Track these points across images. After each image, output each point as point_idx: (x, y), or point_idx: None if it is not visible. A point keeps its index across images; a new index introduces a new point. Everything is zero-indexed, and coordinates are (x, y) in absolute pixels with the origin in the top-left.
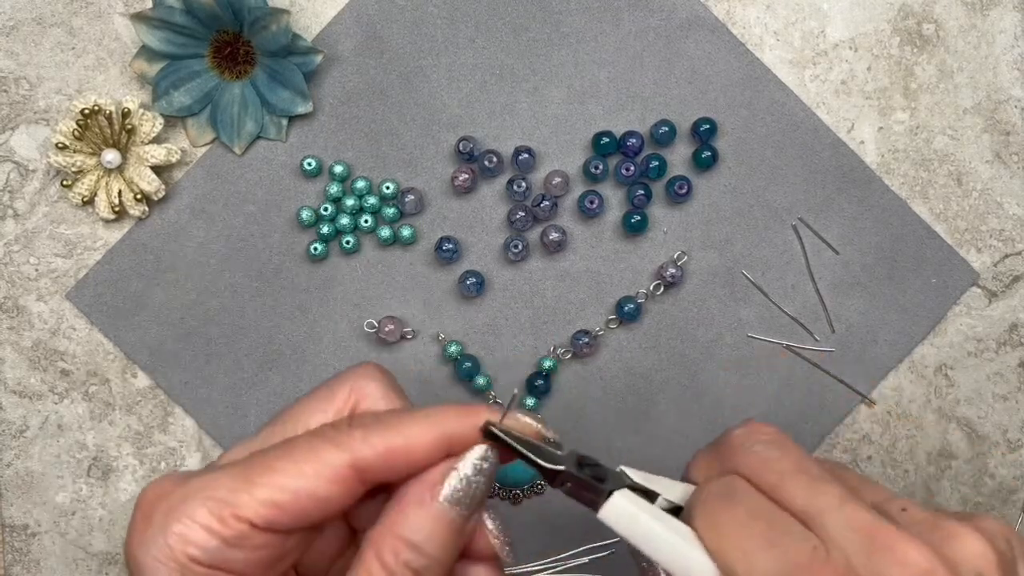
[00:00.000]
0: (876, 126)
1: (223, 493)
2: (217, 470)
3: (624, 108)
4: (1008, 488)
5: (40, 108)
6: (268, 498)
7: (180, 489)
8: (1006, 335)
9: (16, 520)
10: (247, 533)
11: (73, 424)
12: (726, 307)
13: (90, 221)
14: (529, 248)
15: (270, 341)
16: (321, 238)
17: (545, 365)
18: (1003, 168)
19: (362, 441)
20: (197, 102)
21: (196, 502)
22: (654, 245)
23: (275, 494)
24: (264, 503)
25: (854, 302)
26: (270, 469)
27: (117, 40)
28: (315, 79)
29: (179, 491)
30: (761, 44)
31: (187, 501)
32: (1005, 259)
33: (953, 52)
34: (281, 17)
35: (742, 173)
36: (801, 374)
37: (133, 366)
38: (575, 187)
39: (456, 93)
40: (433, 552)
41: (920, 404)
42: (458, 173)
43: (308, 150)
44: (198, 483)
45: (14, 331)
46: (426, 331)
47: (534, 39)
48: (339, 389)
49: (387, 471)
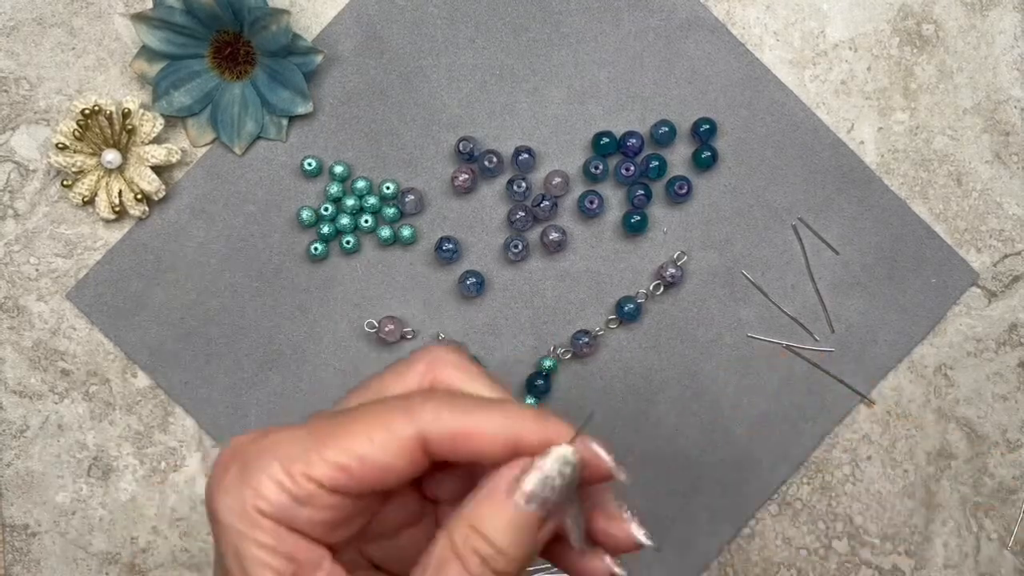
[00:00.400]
0: (876, 126)
1: (296, 451)
2: (294, 429)
3: (624, 108)
4: (1008, 488)
5: (40, 108)
6: (336, 461)
7: (257, 444)
8: (1006, 335)
9: (16, 520)
10: (315, 493)
11: (73, 424)
12: (726, 307)
13: (90, 221)
14: (529, 248)
15: (270, 341)
16: (321, 238)
17: (545, 365)
18: (1003, 168)
19: (433, 416)
20: (197, 102)
21: (270, 457)
22: (654, 245)
23: (343, 457)
24: (333, 465)
25: (854, 302)
26: (341, 433)
27: (117, 40)
28: (315, 79)
29: (256, 446)
30: (761, 44)
31: (262, 456)
32: (1005, 259)
33: (953, 52)
34: (281, 17)
35: (742, 173)
36: (801, 374)
37: (133, 366)
38: (575, 187)
39: (456, 93)
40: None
41: (920, 404)
42: (458, 173)
43: (308, 150)
44: (275, 439)
45: (14, 331)
46: (426, 331)
47: (534, 39)
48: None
49: (452, 453)
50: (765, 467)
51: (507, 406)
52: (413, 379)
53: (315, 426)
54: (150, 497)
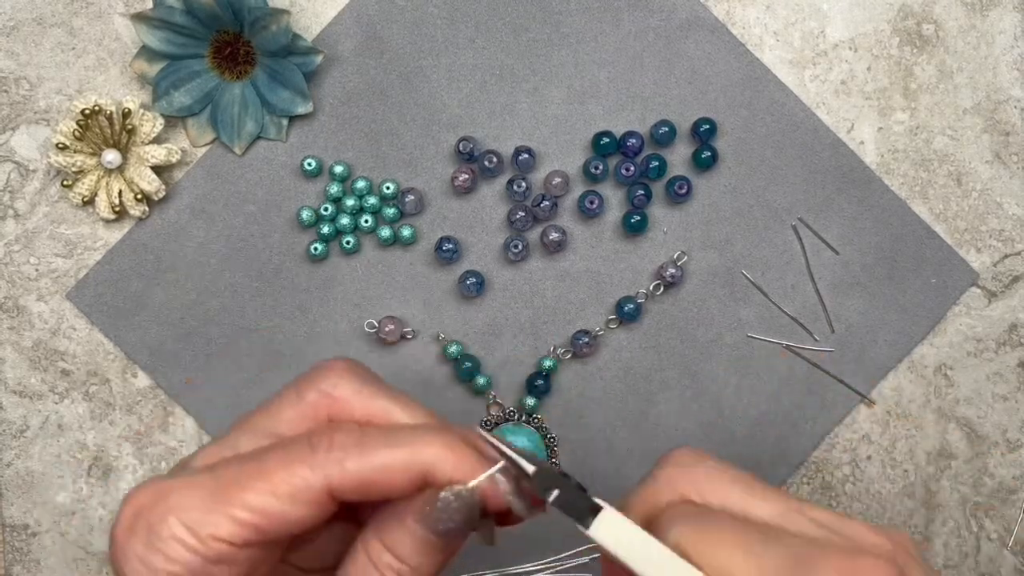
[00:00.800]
0: (876, 126)
1: (199, 513)
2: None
3: (624, 108)
4: (1008, 488)
5: (40, 108)
6: (242, 518)
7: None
8: (1006, 335)
9: (16, 520)
10: (225, 551)
11: (73, 424)
12: (726, 307)
13: (90, 221)
14: (529, 248)
15: (270, 341)
16: (321, 238)
17: (545, 365)
18: (1003, 168)
19: (338, 465)
20: (197, 102)
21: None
22: (654, 245)
23: (248, 515)
24: (239, 523)
25: (854, 302)
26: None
27: (117, 40)
28: (315, 79)
29: (159, 508)
30: (761, 44)
31: (167, 519)
32: (1005, 259)
33: (953, 52)
34: (281, 17)
35: (742, 173)
36: (801, 374)
37: (133, 366)
38: (575, 187)
39: (456, 93)
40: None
41: (920, 404)
42: (458, 173)
43: (308, 150)
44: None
45: (14, 331)
46: (426, 331)
47: (534, 39)
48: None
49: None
50: (765, 467)
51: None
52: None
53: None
54: None
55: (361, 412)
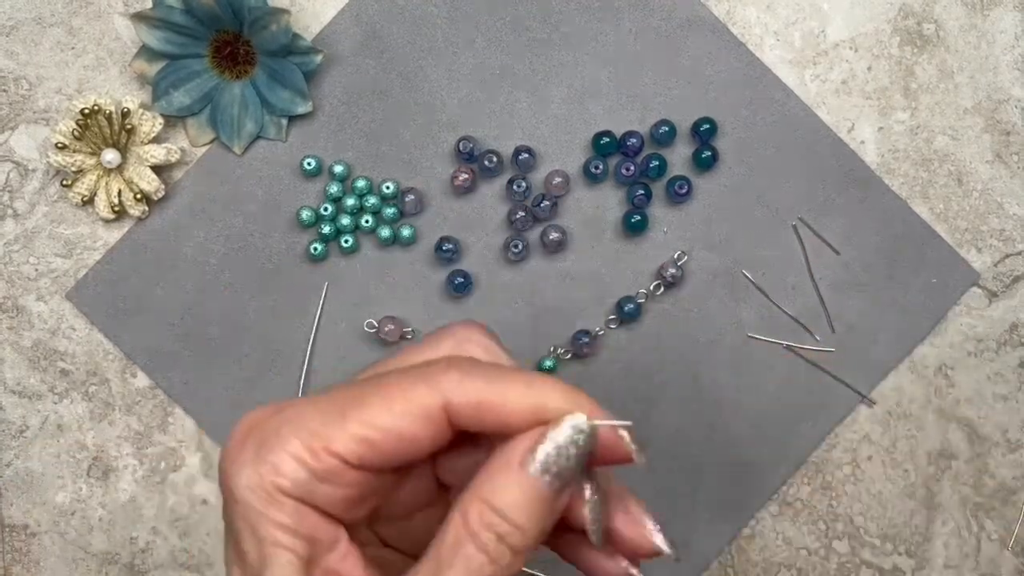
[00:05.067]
0: (876, 126)
1: (316, 425)
2: (312, 401)
3: (624, 108)
4: (1008, 488)
5: (40, 108)
6: (359, 434)
7: (275, 419)
8: (1006, 335)
9: (16, 520)
10: (337, 468)
11: (73, 424)
12: (726, 307)
13: (90, 221)
14: (529, 248)
15: (270, 341)
16: (321, 238)
17: (545, 365)
18: (1003, 168)
19: (456, 384)
20: (197, 102)
21: (290, 433)
22: (654, 245)
23: (365, 430)
24: (355, 439)
25: (854, 302)
26: (362, 404)
27: (117, 40)
28: (315, 79)
29: (274, 420)
30: (761, 44)
31: (281, 431)
32: (1005, 259)
33: (953, 52)
34: (281, 17)
35: (742, 173)
36: (801, 374)
37: (133, 366)
38: (575, 187)
39: (456, 93)
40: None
41: (920, 404)
42: (458, 173)
43: (308, 150)
44: (293, 413)
45: (14, 331)
46: (426, 331)
47: (534, 39)
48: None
49: (477, 422)
50: (765, 467)
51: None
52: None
53: (334, 398)
54: (149, 497)
55: None
